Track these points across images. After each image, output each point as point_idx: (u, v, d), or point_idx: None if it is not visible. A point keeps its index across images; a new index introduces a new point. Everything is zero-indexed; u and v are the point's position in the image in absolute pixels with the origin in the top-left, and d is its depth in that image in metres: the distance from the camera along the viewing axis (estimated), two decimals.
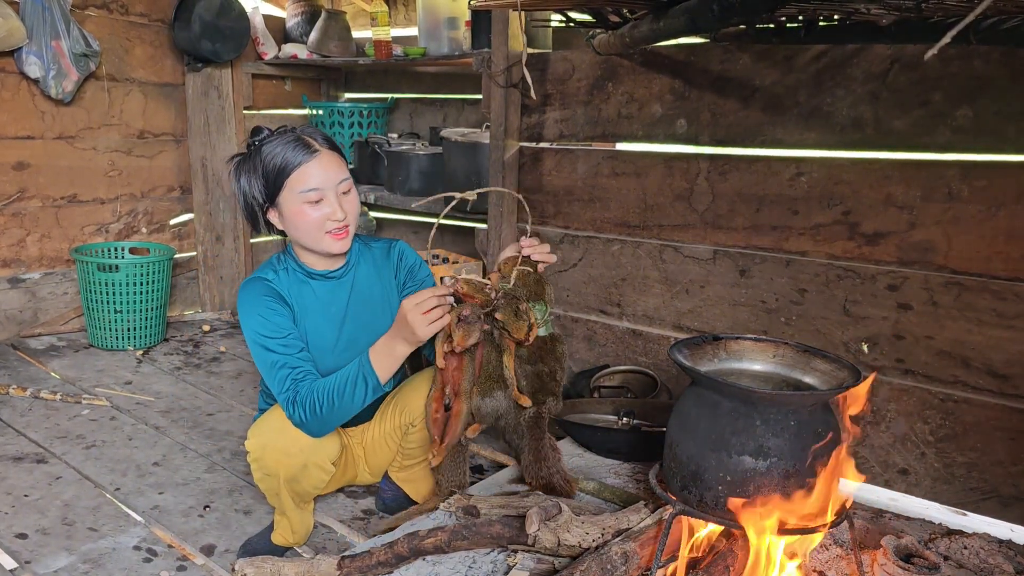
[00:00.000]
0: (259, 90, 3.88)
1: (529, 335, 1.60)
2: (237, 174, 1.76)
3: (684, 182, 2.43)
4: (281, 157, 1.69)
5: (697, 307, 2.47)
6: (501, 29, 2.66)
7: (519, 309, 1.60)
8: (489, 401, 1.69)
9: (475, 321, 1.59)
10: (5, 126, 3.20)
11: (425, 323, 1.54)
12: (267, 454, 1.73)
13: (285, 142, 1.71)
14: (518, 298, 1.62)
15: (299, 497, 1.83)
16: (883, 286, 2.10)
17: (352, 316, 1.87)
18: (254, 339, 1.73)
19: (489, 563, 1.56)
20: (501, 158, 2.79)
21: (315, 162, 1.69)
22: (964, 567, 1.61)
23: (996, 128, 1.90)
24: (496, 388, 1.68)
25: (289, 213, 1.72)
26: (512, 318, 1.59)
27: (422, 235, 3.98)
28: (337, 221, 1.71)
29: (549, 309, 1.71)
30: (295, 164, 1.68)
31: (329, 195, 1.70)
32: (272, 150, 1.70)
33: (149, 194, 3.73)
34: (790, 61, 2.16)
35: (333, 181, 1.70)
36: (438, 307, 1.55)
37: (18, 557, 1.85)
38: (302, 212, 1.70)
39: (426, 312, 1.53)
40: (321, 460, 1.76)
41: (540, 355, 1.72)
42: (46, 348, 3.33)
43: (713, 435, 1.38)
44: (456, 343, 1.58)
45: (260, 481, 1.81)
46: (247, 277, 1.83)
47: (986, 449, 2.00)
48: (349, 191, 1.75)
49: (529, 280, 1.68)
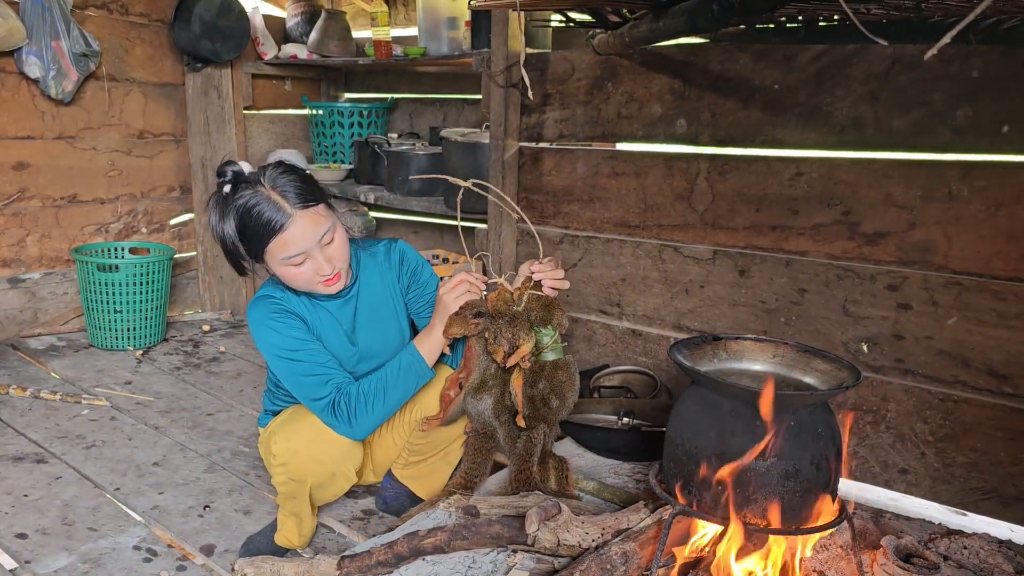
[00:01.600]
0: (259, 90, 3.88)
1: (507, 359, 1.61)
2: (216, 219, 1.68)
3: (684, 182, 2.43)
4: (257, 222, 1.61)
5: (697, 307, 2.47)
6: (501, 29, 2.66)
7: (500, 331, 1.62)
8: (473, 403, 1.72)
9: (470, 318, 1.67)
10: (5, 126, 3.20)
11: (453, 296, 1.68)
12: (298, 460, 1.73)
13: (259, 210, 1.61)
14: (514, 321, 1.62)
15: (317, 502, 1.85)
16: (883, 286, 2.10)
17: (362, 326, 1.87)
18: (274, 353, 1.73)
19: (489, 563, 1.56)
20: (501, 158, 2.79)
21: (291, 229, 1.61)
22: (964, 567, 1.61)
23: (996, 128, 1.90)
24: (485, 394, 1.70)
25: (278, 272, 1.71)
26: (492, 338, 1.63)
27: (422, 235, 3.98)
28: (325, 275, 1.69)
29: (556, 334, 1.68)
30: (271, 233, 1.61)
31: (314, 252, 1.65)
32: (247, 212, 1.62)
33: (149, 194, 3.73)
34: (790, 61, 2.16)
35: (312, 241, 1.64)
36: (466, 284, 1.68)
37: (18, 557, 1.85)
38: (289, 273, 1.69)
39: (454, 286, 1.68)
40: (348, 470, 1.80)
41: (535, 379, 1.68)
42: (46, 348, 3.33)
43: (713, 435, 1.38)
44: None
45: (282, 484, 1.80)
46: (253, 296, 1.81)
47: (986, 449, 2.00)
48: (332, 240, 1.68)
49: (537, 305, 1.66)
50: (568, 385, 1.70)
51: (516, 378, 1.67)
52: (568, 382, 1.70)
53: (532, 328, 1.64)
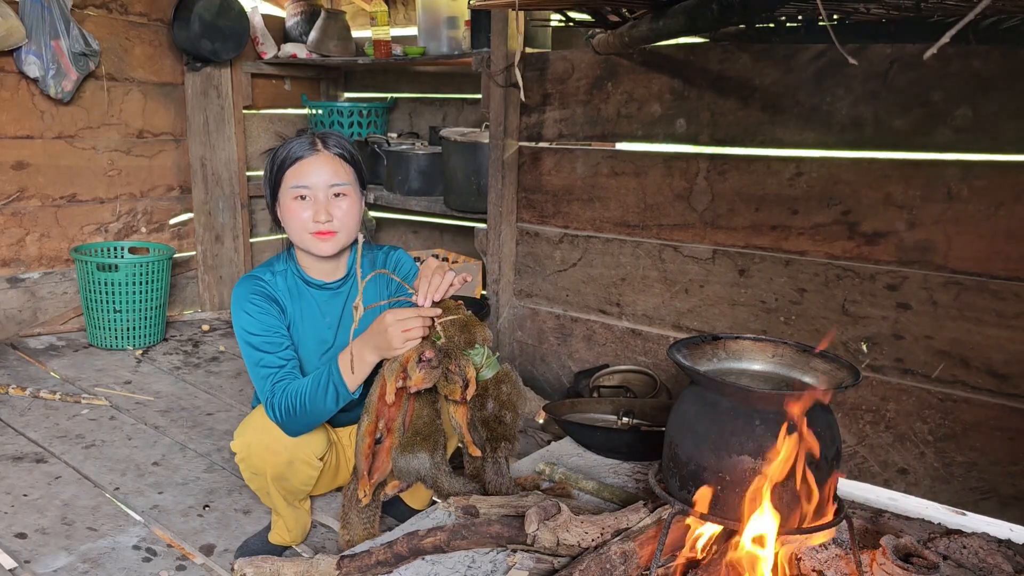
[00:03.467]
0: (258, 90, 3.88)
1: (467, 392, 1.53)
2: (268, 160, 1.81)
3: (683, 182, 2.43)
4: (285, 152, 1.72)
5: (696, 307, 2.47)
6: (500, 29, 2.66)
7: (449, 370, 1.53)
8: (411, 459, 1.60)
9: (437, 366, 1.53)
10: (4, 126, 3.19)
11: (402, 339, 1.53)
12: (253, 452, 1.73)
13: (295, 140, 1.74)
14: (449, 355, 1.53)
15: (290, 495, 1.82)
16: (882, 286, 2.10)
17: (346, 326, 1.86)
18: (241, 336, 1.74)
19: (488, 563, 1.56)
20: (500, 158, 2.79)
21: (311, 160, 1.70)
22: (963, 567, 1.61)
23: (996, 128, 1.90)
24: (421, 448, 1.60)
25: (283, 209, 1.74)
26: (443, 382, 1.54)
27: (422, 235, 3.98)
28: (319, 223, 1.70)
29: (485, 350, 1.58)
30: (292, 160, 1.71)
31: (318, 195, 1.70)
32: (283, 147, 1.74)
33: (149, 194, 3.72)
34: (790, 61, 2.16)
35: (325, 182, 1.70)
36: (419, 328, 1.53)
37: (18, 557, 1.85)
38: (291, 209, 1.72)
39: (406, 330, 1.52)
40: (307, 456, 1.76)
41: (482, 402, 1.61)
42: (45, 348, 3.32)
43: (713, 435, 1.38)
44: (413, 383, 1.52)
45: (250, 480, 1.82)
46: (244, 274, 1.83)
47: (985, 449, 2.00)
48: (343, 196, 1.73)
49: (452, 330, 1.55)
50: (516, 395, 1.62)
51: (455, 412, 1.59)
52: (515, 392, 1.62)
53: (463, 352, 1.56)
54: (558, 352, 2.87)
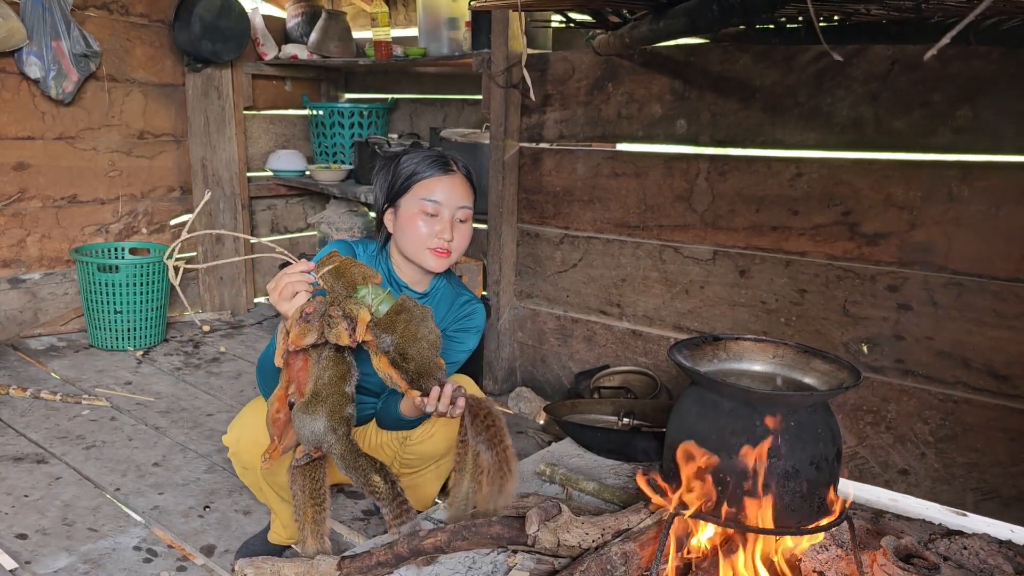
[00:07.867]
0: (259, 90, 3.89)
1: (354, 337, 1.43)
2: (376, 176, 1.84)
3: (684, 182, 2.43)
4: (418, 164, 1.76)
5: (697, 307, 2.47)
6: (501, 30, 2.66)
7: (330, 316, 1.44)
8: (307, 420, 1.50)
9: (314, 320, 1.44)
10: (5, 126, 3.20)
11: (287, 298, 1.49)
12: (242, 447, 1.75)
13: (428, 154, 1.78)
14: (334, 301, 1.46)
15: (282, 490, 1.81)
16: (883, 286, 2.10)
17: None
18: None
19: (489, 563, 1.56)
20: (501, 158, 2.79)
21: (447, 179, 1.74)
22: (964, 568, 1.61)
23: (996, 128, 1.90)
24: (318, 408, 1.50)
25: (403, 217, 1.75)
26: (328, 328, 1.45)
27: None
28: (443, 240, 1.73)
29: (373, 288, 1.49)
30: (427, 174, 1.74)
31: (445, 213, 1.73)
32: (412, 158, 1.77)
33: (149, 194, 3.73)
34: (790, 61, 2.16)
35: (454, 203, 1.73)
36: (295, 284, 1.48)
37: (18, 557, 1.85)
38: (414, 220, 1.73)
39: (282, 288, 1.48)
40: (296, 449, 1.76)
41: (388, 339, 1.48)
42: (46, 348, 3.33)
43: (713, 435, 1.38)
44: (290, 340, 1.44)
45: (242, 475, 1.83)
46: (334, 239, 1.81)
47: (986, 449, 2.00)
48: (466, 221, 1.77)
49: (330, 279, 1.48)
50: (419, 323, 1.49)
51: (378, 364, 1.50)
52: (416, 321, 1.49)
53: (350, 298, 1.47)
54: (558, 353, 2.87)
